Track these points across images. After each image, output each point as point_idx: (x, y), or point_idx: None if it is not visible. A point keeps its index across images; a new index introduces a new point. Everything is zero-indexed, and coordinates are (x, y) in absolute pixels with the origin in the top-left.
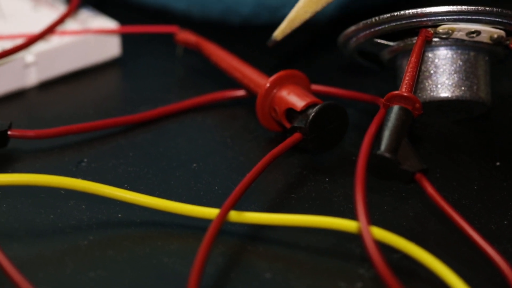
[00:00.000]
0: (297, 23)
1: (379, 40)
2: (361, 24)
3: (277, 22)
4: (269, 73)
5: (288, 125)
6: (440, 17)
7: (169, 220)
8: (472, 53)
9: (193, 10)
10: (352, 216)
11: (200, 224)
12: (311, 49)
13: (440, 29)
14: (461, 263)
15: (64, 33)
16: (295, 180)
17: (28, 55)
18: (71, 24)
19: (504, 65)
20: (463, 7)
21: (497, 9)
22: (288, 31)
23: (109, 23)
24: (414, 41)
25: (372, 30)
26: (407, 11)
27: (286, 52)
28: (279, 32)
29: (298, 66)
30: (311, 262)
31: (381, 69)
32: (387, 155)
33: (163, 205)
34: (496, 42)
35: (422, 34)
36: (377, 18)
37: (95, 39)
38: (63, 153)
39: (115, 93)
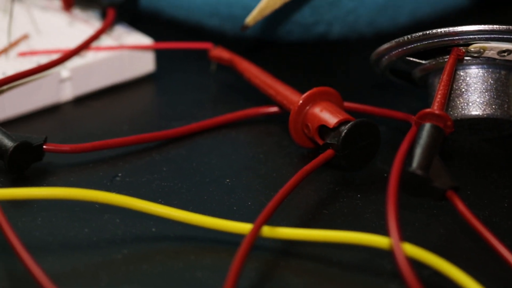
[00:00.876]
0: (267, 11)
1: (411, 58)
2: (393, 42)
3: (310, 39)
4: (301, 90)
5: (320, 142)
6: (471, 36)
7: (203, 235)
8: (503, 72)
9: (226, 27)
10: (384, 232)
11: (233, 239)
12: (344, 66)
13: (472, 47)
14: (491, 280)
15: (99, 48)
16: (327, 196)
17: (64, 70)
18: (106, 40)
19: None
20: (495, 26)
21: None
22: (259, 18)
23: (144, 39)
24: (446, 60)
25: (405, 48)
26: (439, 30)
27: (319, 70)
28: (251, 19)
29: (330, 83)
30: (343, 277)
31: (413, 87)
32: (418, 172)
33: (197, 220)
34: None
35: (454, 53)
36: (409, 36)
37: (129, 55)
38: (97, 167)
39: (149, 108)
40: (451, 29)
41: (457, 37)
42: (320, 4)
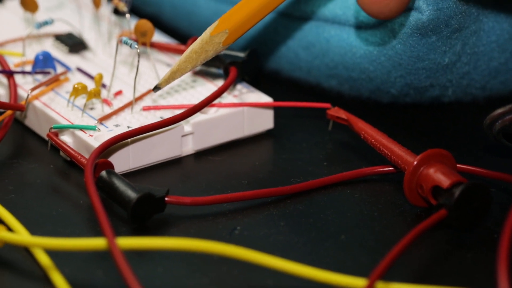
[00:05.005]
0: (179, 75)
1: None
2: (507, 107)
3: (424, 101)
4: (415, 151)
5: (434, 202)
6: None
7: None
8: None
9: (344, 88)
10: None
11: None
12: (456, 128)
13: None
14: None
15: (220, 105)
16: (439, 254)
17: (186, 125)
18: (227, 97)
19: None
20: None
21: None
22: (171, 81)
23: (264, 98)
24: None
25: None
26: None
27: (432, 131)
28: (163, 81)
29: (443, 144)
30: None
31: None
32: None
33: (312, 274)
34: None
35: None
36: None
37: (250, 112)
38: (217, 220)
39: (267, 164)
40: None
41: None
42: (435, 68)
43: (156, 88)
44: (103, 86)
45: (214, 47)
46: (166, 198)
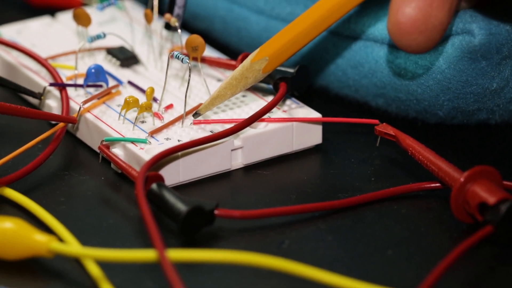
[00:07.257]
0: (218, 101)
1: None
2: None
3: (471, 124)
4: (462, 168)
5: (480, 218)
6: None
7: None
8: None
9: (391, 107)
10: None
11: None
12: (503, 147)
13: None
14: None
15: (270, 120)
16: (484, 270)
17: (236, 139)
18: (276, 113)
19: None
20: None
21: None
22: (211, 107)
23: (313, 113)
24: None
25: None
26: None
27: (478, 149)
28: (203, 108)
29: (490, 163)
30: None
31: None
32: None
33: None
34: None
35: None
36: None
37: (298, 127)
38: (265, 233)
39: (315, 179)
40: None
41: None
42: (483, 93)
43: (196, 114)
44: (154, 100)
45: (254, 74)
46: (216, 211)
